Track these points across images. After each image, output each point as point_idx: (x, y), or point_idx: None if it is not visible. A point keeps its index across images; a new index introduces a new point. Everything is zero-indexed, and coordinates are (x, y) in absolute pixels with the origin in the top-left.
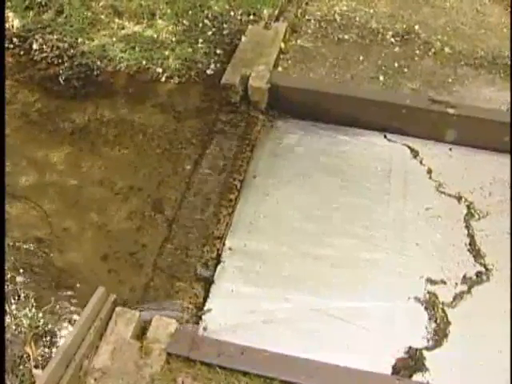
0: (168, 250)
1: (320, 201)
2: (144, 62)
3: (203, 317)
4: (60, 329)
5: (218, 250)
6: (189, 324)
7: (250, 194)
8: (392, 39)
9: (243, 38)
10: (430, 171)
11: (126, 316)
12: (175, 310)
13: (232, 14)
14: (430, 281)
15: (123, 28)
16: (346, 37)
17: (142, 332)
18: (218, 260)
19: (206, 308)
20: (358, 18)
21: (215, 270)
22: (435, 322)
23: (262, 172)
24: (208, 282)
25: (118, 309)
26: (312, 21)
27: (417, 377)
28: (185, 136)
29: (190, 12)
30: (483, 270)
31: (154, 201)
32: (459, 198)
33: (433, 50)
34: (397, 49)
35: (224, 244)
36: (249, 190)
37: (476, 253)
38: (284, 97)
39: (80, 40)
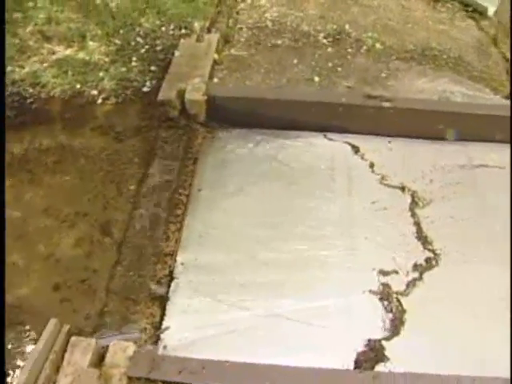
0: (120, 272)
1: (267, 206)
2: (78, 86)
3: (162, 335)
4: (14, 368)
5: (170, 266)
6: (148, 344)
7: (197, 207)
8: (324, 40)
9: (176, 53)
10: (372, 165)
11: (82, 345)
12: (133, 333)
13: (163, 29)
14: (382, 272)
15: (54, 53)
16: (279, 42)
17: (100, 359)
18: (171, 277)
19: (163, 326)
20: (289, 23)
21: (169, 287)
22: (391, 311)
23: (207, 184)
24: (163, 300)
25: (73, 339)
26: (244, 29)
27: (379, 367)
28: (127, 156)
29: (121, 31)
30: (432, 255)
31: (102, 224)
32: (403, 189)
33: (364, 48)
34: (329, 49)
35: (176, 260)
36: (196, 204)
37: (424, 240)
38: (222, 107)
39: (10, 68)
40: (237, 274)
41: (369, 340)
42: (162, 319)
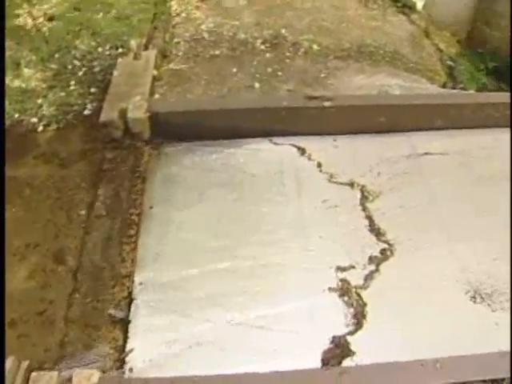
0: (77, 300)
1: (221, 217)
2: (17, 115)
3: (126, 358)
4: None
5: (128, 288)
6: (113, 370)
7: (150, 225)
8: (262, 46)
9: (115, 73)
10: (319, 165)
11: (44, 379)
12: (96, 360)
13: (100, 50)
14: (340, 269)
15: None
16: (217, 52)
17: None
18: (130, 298)
19: (127, 349)
20: (225, 32)
21: (130, 309)
22: (352, 306)
23: (158, 201)
24: (125, 323)
25: (33, 374)
26: (181, 43)
27: (346, 362)
28: (74, 181)
29: (57, 55)
30: (386, 246)
31: (54, 253)
32: (352, 184)
33: (302, 50)
34: (268, 55)
35: (133, 281)
36: (148, 222)
37: (377, 232)
38: (166, 123)
39: None
40: (196, 287)
41: (333, 337)
42: (125, 342)
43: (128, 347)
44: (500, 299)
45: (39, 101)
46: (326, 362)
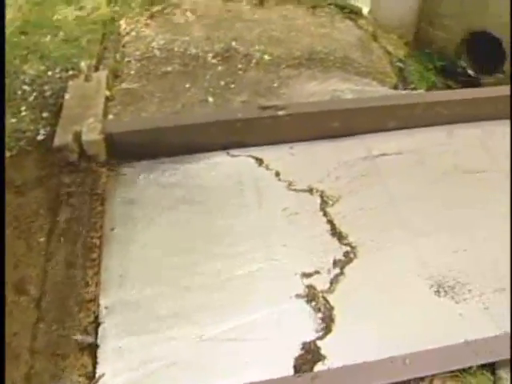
0: (42, 329)
1: (184, 233)
2: None
3: None
4: None
5: (94, 312)
6: None
7: (112, 247)
8: (213, 60)
9: (66, 95)
10: (277, 174)
11: None
12: None
13: (50, 73)
14: (305, 275)
15: None
16: (169, 68)
17: None
18: (97, 322)
19: (98, 375)
20: (176, 48)
21: (97, 333)
22: (320, 311)
23: (118, 222)
24: (93, 348)
25: None
26: (132, 62)
27: (318, 367)
28: (31, 209)
29: (5, 81)
30: (349, 249)
31: (15, 284)
32: (311, 191)
33: (254, 61)
34: (220, 68)
35: (99, 304)
36: (110, 244)
37: (339, 235)
38: (121, 143)
39: None
40: (164, 305)
41: (304, 343)
42: (94, 368)
43: (98, 373)
44: (462, 291)
45: None
46: (297, 368)
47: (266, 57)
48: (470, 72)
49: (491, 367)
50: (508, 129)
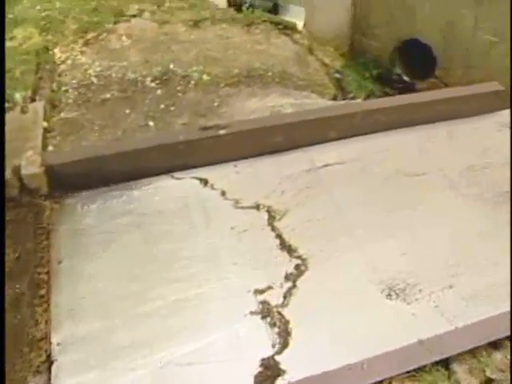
0: None
1: (133, 260)
2: None
3: None
4: None
5: (46, 351)
6: None
7: (60, 281)
8: (152, 84)
9: None
10: (223, 193)
11: None
12: None
13: None
14: (258, 291)
15: None
16: (108, 95)
17: None
18: (49, 361)
19: None
20: (114, 74)
21: (51, 372)
22: (276, 326)
23: (66, 255)
24: None
25: None
26: (70, 90)
27: (279, 382)
28: None
29: None
30: (300, 261)
31: None
32: (257, 207)
33: (193, 82)
34: (159, 91)
35: (51, 342)
36: (58, 278)
37: (289, 249)
38: (63, 174)
39: None
40: (118, 336)
41: (262, 360)
42: None
43: None
44: (413, 291)
45: None
46: None
47: (205, 77)
48: (405, 78)
49: (445, 363)
50: (442, 131)
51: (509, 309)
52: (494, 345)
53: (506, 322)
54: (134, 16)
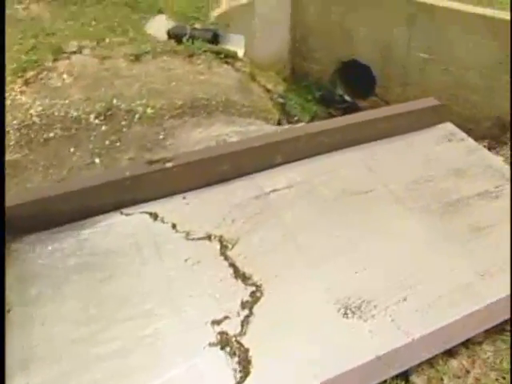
0: None
1: (87, 302)
2: None
3: None
4: None
5: None
6: None
7: (11, 330)
8: (96, 120)
9: None
10: (174, 226)
11: None
12: None
13: None
14: (216, 322)
15: None
16: (52, 134)
17: None
18: None
19: None
20: (57, 113)
21: None
22: (235, 355)
23: (15, 303)
24: None
25: None
26: (11, 132)
27: None
28: None
29: None
30: (255, 288)
31: None
32: (209, 237)
33: (137, 116)
34: (104, 127)
35: None
36: (9, 327)
37: (243, 277)
38: (9, 218)
39: None
40: (76, 380)
41: None
42: None
43: None
44: (369, 308)
45: None
46: None
47: (149, 110)
48: (347, 98)
49: (404, 375)
50: (385, 147)
51: (460, 316)
52: (450, 353)
53: (459, 329)
54: (74, 53)
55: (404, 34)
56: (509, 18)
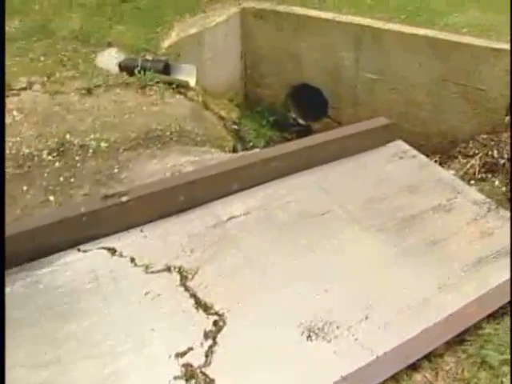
0: None
1: (45, 345)
2: None
3: None
4: None
5: None
6: None
7: None
8: (49, 157)
9: None
10: (132, 260)
11: None
12: None
13: None
14: (179, 354)
15: None
16: None
17: None
18: None
19: None
20: (8, 151)
21: None
22: None
23: None
24: None
25: None
26: None
27: None
28: None
29: None
30: (217, 317)
31: None
32: (168, 269)
33: (91, 151)
34: (57, 164)
35: None
36: None
37: (204, 307)
38: None
39: None
40: None
41: None
42: None
43: None
44: (332, 329)
45: None
46: None
47: (103, 144)
48: (301, 121)
49: None
50: (338, 168)
51: (421, 330)
52: (414, 366)
53: (421, 342)
54: (24, 89)
55: (351, 56)
56: (450, 38)
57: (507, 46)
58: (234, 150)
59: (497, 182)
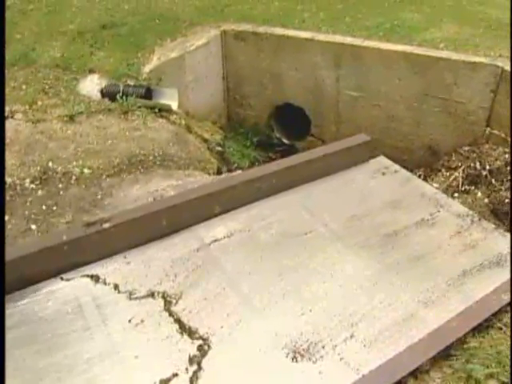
0: None
1: (28, 376)
2: None
3: None
4: None
5: None
6: None
7: None
8: (32, 185)
9: None
10: (116, 286)
11: None
12: None
13: None
14: (164, 381)
15: None
16: None
17: None
18: None
19: None
20: None
21: None
22: None
23: None
24: None
25: None
26: None
27: None
28: None
29: None
30: (202, 342)
31: None
32: (152, 295)
33: (74, 178)
34: (40, 192)
35: None
36: None
37: (189, 331)
38: None
39: None
40: None
41: None
42: None
43: None
44: (317, 349)
45: None
46: None
47: (86, 171)
48: (285, 141)
49: None
50: (322, 187)
51: (406, 346)
52: None
53: (406, 359)
54: (6, 117)
55: (332, 74)
56: (428, 53)
57: (484, 60)
58: (219, 172)
59: (479, 194)
